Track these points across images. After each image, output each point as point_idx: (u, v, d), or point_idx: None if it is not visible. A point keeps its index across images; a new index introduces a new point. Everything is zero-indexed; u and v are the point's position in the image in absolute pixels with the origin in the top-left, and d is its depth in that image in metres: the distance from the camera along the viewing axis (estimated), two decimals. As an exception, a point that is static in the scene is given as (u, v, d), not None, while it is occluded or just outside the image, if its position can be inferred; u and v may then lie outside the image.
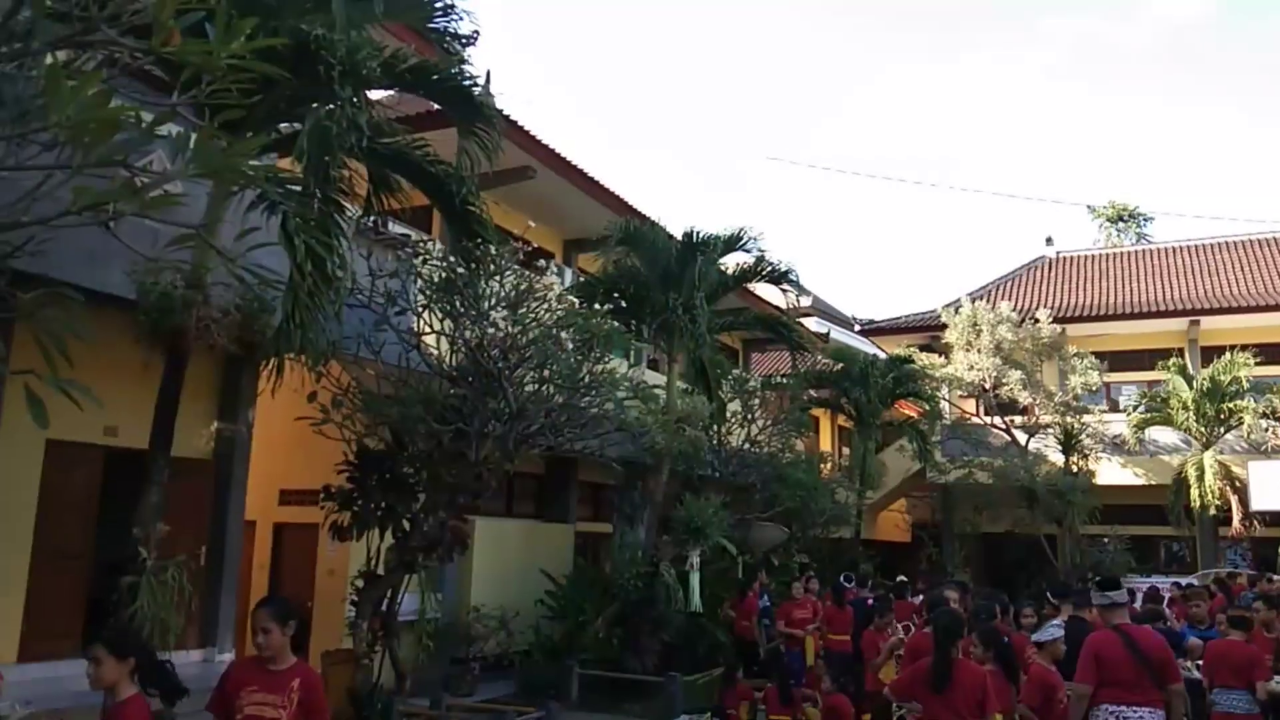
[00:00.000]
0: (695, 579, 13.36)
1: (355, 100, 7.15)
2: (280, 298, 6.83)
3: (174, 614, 6.86)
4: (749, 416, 17.40)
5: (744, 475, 16.85)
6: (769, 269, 14.85)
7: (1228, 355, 21.95)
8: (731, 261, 15.41)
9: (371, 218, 9.81)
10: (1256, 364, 21.88)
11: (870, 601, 11.34)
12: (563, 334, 9.18)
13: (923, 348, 25.05)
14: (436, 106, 9.88)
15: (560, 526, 16.29)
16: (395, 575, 9.52)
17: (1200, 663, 8.10)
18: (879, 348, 27.61)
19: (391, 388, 9.09)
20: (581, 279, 15.92)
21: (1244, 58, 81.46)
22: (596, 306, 12.23)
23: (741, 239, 14.24)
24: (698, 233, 13.86)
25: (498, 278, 9.10)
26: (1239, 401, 21.57)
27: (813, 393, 21.94)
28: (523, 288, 9.10)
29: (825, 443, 28.70)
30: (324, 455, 9.27)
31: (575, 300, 10.95)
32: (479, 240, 9.04)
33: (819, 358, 24.75)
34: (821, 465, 21.39)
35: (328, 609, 11.83)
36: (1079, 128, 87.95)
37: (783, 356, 24.59)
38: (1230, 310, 24.90)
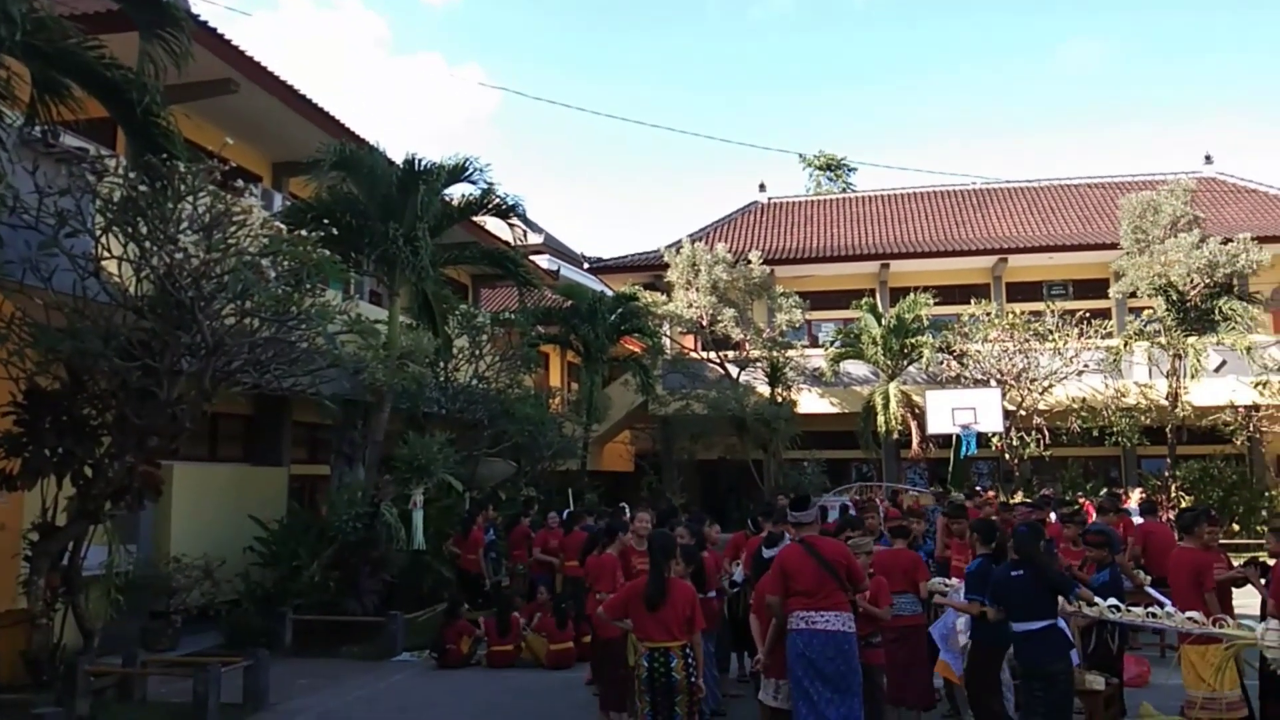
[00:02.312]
0: (419, 517, 13.15)
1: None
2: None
3: None
4: (477, 352, 17.21)
5: (471, 411, 16.70)
6: (496, 202, 14.59)
7: (911, 296, 24.32)
8: (457, 193, 15.06)
9: (38, 127, 8.60)
10: (935, 304, 24.43)
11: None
12: (265, 262, 8.50)
13: (647, 286, 25.87)
14: (116, 5, 8.76)
15: (272, 470, 15.42)
16: (76, 526, 8.71)
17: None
18: (607, 285, 28.23)
19: (66, 319, 8.10)
20: (294, 205, 14.93)
21: (942, 27, 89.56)
22: (308, 234, 11.46)
23: (467, 169, 13.86)
24: (420, 160, 13.34)
25: (190, 199, 8.25)
26: (920, 337, 24.03)
27: (542, 329, 22.10)
28: (219, 210, 8.31)
29: (554, 378, 29.11)
30: (-15, 396, 8.16)
31: (283, 227, 10.22)
32: (165, 156, 8.15)
33: (549, 294, 24.93)
34: (550, 400, 21.69)
35: (-5, 567, 10.53)
36: (802, 77, 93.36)
37: (513, 293, 24.52)
38: (914, 255, 27.60)
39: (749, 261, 24.84)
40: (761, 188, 33.32)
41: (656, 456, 27.53)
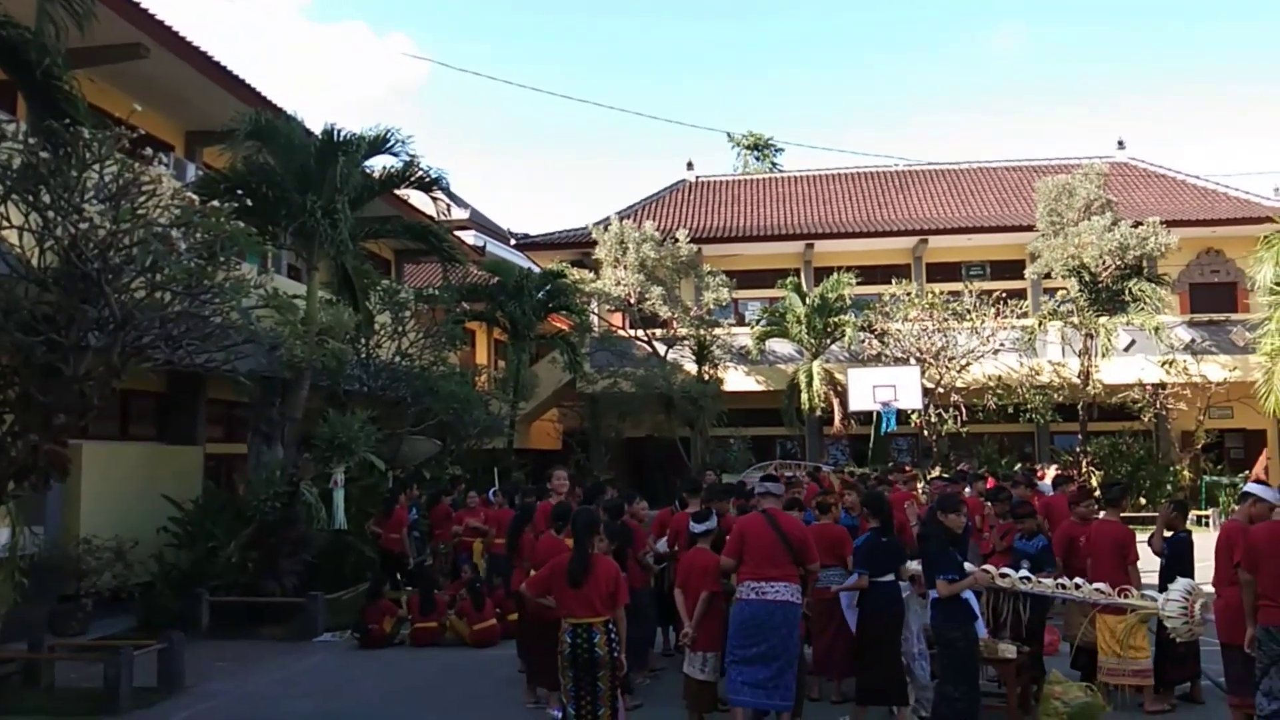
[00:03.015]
0: (339, 496, 12.92)
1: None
2: None
3: None
4: (400, 329, 16.92)
5: (394, 389, 16.44)
6: (419, 175, 14.30)
7: (835, 275, 24.68)
8: (379, 166, 14.73)
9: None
10: (858, 284, 24.85)
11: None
12: (176, 234, 8.21)
13: (575, 263, 25.76)
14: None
15: (187, 449, 15.01)
16: (-23, 508, 8.31)
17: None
18: (534, 262, 28.04)
19: (-39, 292, 7.72)
20: (207, 175, 14.44)
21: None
22: (222, 205, 11.10)
23: (389, 141, 13.55)
24: (340, 131, 13.00)
25: (95, 167, 7.91)
26: (843, 316, 24.44)
27: (467, 306, 21.85)
28: (126, 179, 7.98)
29: (481, 356, 28.84)
30: None
31: (195, 198, 9.87)
32: (69, 122, 7.79)
33: (474, 270, 24.64)
34: (476, 378, 21.49)
35: (-114, 552, 10.05)
36: (730, 58, 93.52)
37: (438, 269, 24.22)
38: (838, 235, 27.97)
39: (676, 240, 24.88)
40: (689, 166, 33.37)
41: (584, 434, 27.53)
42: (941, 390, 24.04)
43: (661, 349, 25.29)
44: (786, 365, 25.77)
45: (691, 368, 25.14)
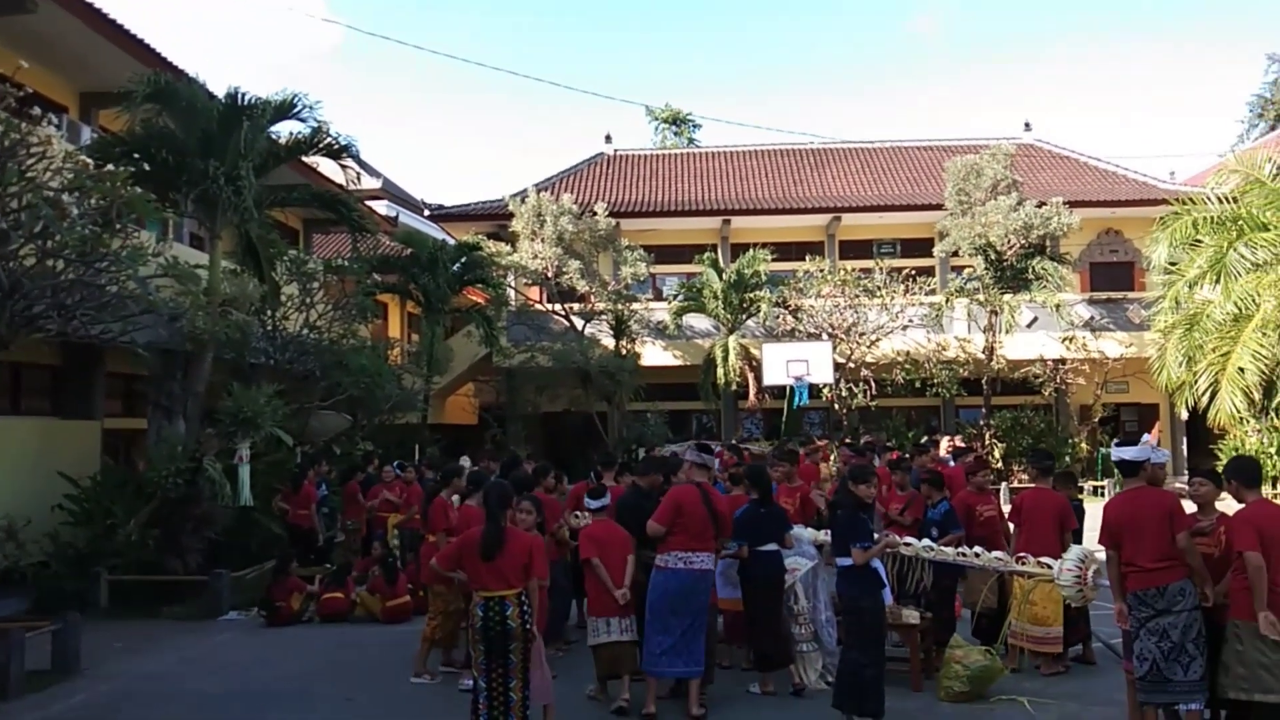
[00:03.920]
0: (245, 472, 12.57)
1: None
2: None
3: None
4: (308, 301, 16.47)
5: (302, 362, 16.03)
6: (328, 142, 13.89)
7: (751, 251, 24.88)
8: (286, 131, 14.26)
9: None
10: (773, 260, 25.10)
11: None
12: (68, 198, 7.84)
13: (491, 235, 25.38)
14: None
15: (83, 423, 14.43)
16: None
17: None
18: (449, 234, 27.58)
19: None
20: (103, 138, 13.81)
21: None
22: (117, 169, 10.59)
23: (295, 107, 13.11)
24: (244, 95, 12.54)
25: (-22, 126, 7.50)
26: (758, 292, 24.67)
27: (379, 277, 21.41)
28: (13, 140, 7.58)
29: (394, 329, 28.34)
30: None
31: (90, 161, 9.41)
32: (-55, 77, 7.35)
33: (387, 241, 24.13)
34: (388, 352, 21.10)
35: None
36: (649, 30, 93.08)
37: (349, 239, 23.66)
38: (755, 212, 28.19)
39: (595, 213, 24.74)
40: (608, 139, 33.18)
41: (501, 409, 27.32)
42: (852, 365, 24.52)
43: (579, 323, 25.19)
44: (703, 340, 25.94)
45: (609, 342, 25.11)
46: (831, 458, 13.83)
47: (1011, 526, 8.57)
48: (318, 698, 7.91)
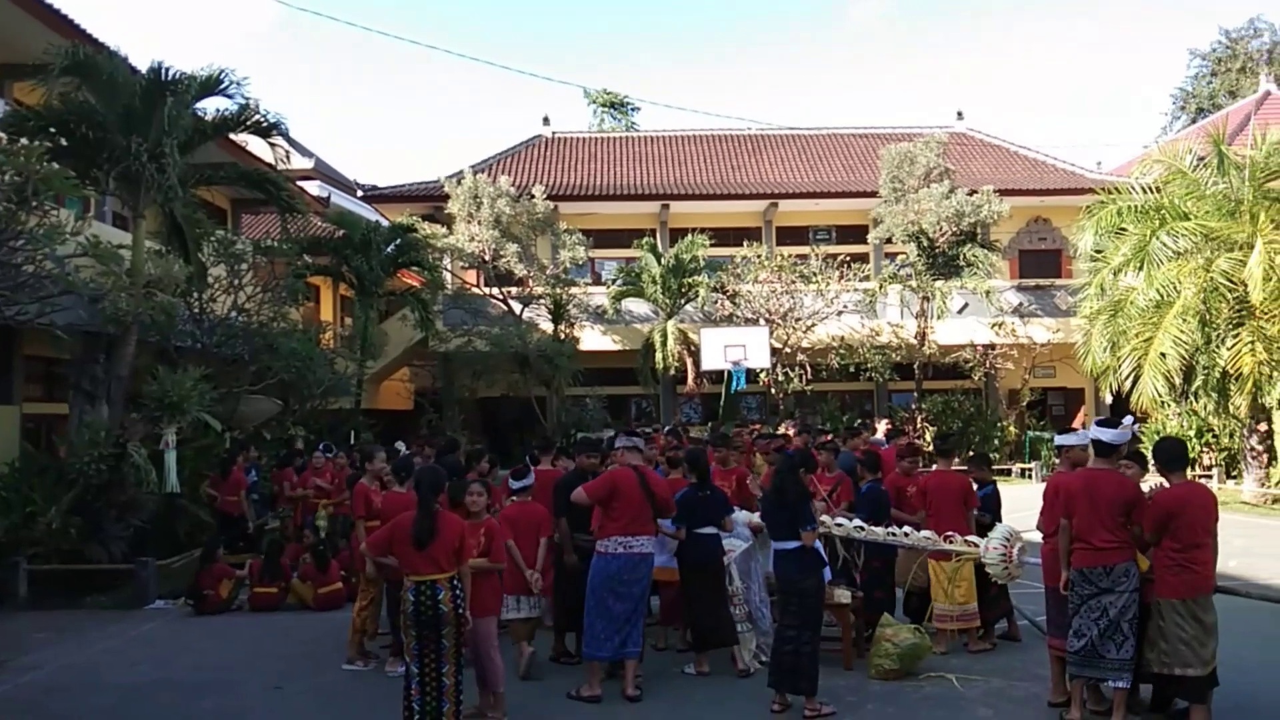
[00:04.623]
0: (171, 458, 12.28)
1: None
2: None
3: None
4: (236, 282, 16.09)
5: (231, 346, 15.67)
6: (256, 119, 13.55)
7: (689, 237, 24.96)
8: (213, 108, 13.88)
9: None
10: (711, 245, 25.20)
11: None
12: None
13: (426, 217, 25.01)
14: None
15: (0, 408, 13.93)
16: None
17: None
18: (383, 216, 27.12)
19: None
20: (17, 111, 13.26)
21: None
22: (33, 144, 10.19)
23: (222, 83, 12.75)
24: (168, 70, 12.13)
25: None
26: (696, 277, 24.76)
27: (310, 259, 20.96)
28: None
29: (326, 312, 27.82)
30: None
31: (2, 135, 9.05)
32: None
33: (319, 222, 23.66)
34: (320, 335, 20.72)
35: None
36: (588, 11, 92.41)
37: (280, 219, 23.14)
38: (693, 197, 28.23)
39: (533, 196, 24.54)
40: (546, 121, 32.91)
41: (437, 394, 27.05)
42: (788, 350, 24.76)
43: (517, 307, 25.01)
44: (642, 325, 25.95)
45: (547, 327, 24.98)
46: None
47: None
48: (246, 686, 7.75)
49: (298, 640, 9.27)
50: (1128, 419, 6.59)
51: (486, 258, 24.07)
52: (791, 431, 13.29)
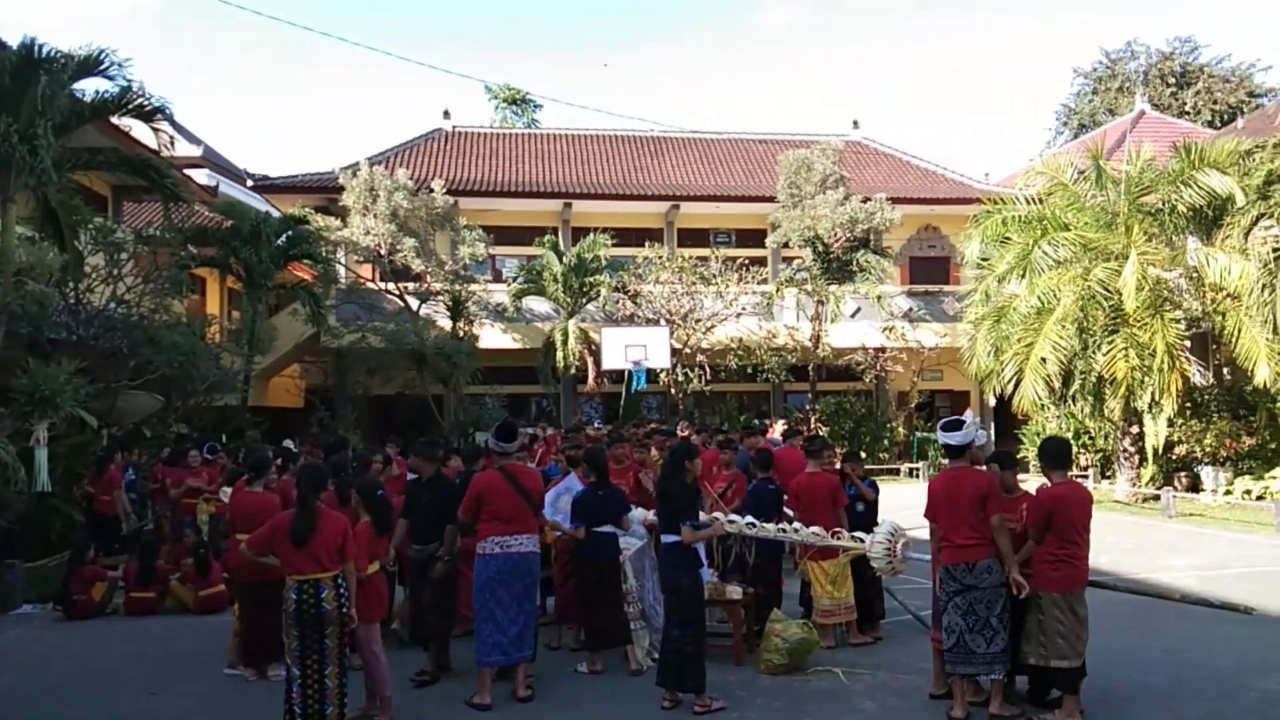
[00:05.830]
0: (42, 455, 11.65)
1: None
2: None
3: None
4: (116, 272, 15.38)
5: (109, 338, 14.96)
6: (138, 102, 12.97)
7: (591, 236, 24.95)
8: (92, 89, 13.24)
9: None
10: (613, 245, 25.25)
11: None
12: None
13: (320, 209, 24.29)
14: None
15: None
16: None
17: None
18: (275, 206, 26.28)
19: None
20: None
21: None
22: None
23: (103, 63, 12.17)
24: (41, 47, 11.53)
25: None
26: (598, 276, 24.77)
27: (196, 250, 20.18)
28: None
29: (213, 305, 26.80)
30: None
31: None
32: None
33: (206, 212, 22.78)
34: (206, 329, 19.99)
35: None
36: (485, 6, 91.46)
37: (163, 208, 22.19)
38: (595, 196, 28.21)
39: (432, 190, 24.11)
40: (446, 115, 32.42)
41: (329, 391, 26.38)
42: (688, 351, 24.98)
43: (414, 303, 24.55)
44: (543, 324, 25.81)
45: (446, 324, 24.60)
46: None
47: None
48: (120, 693, 7.42)
49: (176, 645, 8.92)
50: (968, 416, 6.75)
51: (382, 252, 23.56)
52: (686, 432, 13.39)
